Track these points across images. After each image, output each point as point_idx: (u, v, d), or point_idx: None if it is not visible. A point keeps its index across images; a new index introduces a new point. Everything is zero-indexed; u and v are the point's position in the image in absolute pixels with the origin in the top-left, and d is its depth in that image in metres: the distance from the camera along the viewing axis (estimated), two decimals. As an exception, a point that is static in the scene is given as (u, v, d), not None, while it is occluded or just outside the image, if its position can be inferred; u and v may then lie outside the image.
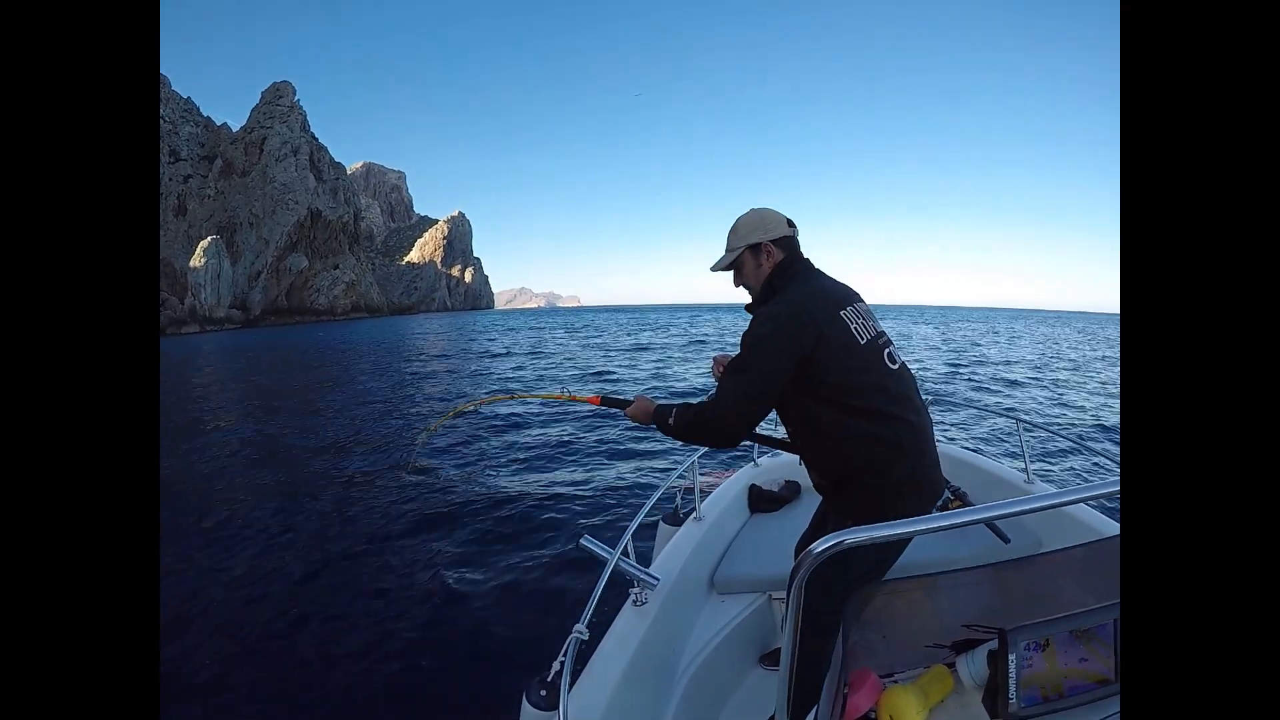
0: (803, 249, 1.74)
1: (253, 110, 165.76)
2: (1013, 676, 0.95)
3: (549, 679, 1.41)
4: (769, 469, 3.42)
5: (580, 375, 18.01)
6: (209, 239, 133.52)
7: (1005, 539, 2.19)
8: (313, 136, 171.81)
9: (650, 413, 1.77)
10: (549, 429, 9.37)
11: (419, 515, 5.87)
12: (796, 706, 0.94)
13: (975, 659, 1.08)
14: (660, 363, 20.88)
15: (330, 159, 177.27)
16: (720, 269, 1.77)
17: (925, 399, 1.72)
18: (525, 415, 10.06)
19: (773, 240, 1.66)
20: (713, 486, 3.11)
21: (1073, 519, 2.29)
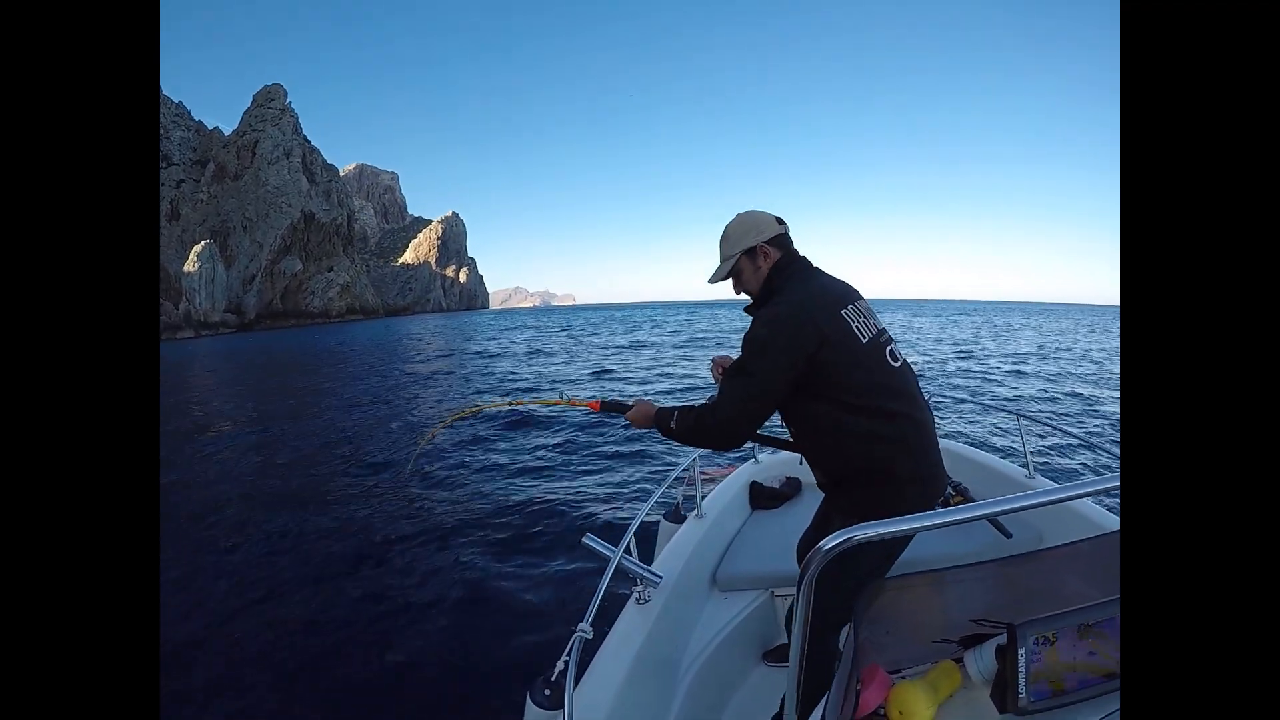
0: (797, 246, 1.73)
1: (244, 114, 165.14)
2: (1022, 671, 0.96)
3: (553, 678, 1.41)
4: (770, 466, 3.44)
5: (579, 375, 17.96)
6: (202, 243, 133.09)
7: (1007, 534, 2.21)
8: (305, 139, 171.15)
9: (651, 416, 1.77)
10: (547, 432, 9.35)
11: (418, 519, 5.84)
12: (805, 702, 0.94)
13: (983, 654, 1.08)
14: (658, 361, 20.70)
15: (323, 161, 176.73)
16: (719, 279, 1.75)
17: (928, 398, 1.71)
18: (523, 419, 10.06)
19: (766, 241, 1.65)
20: (714, 484, 3.12)
21: (1075, 514, 2.30)
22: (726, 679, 2.11)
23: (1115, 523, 2.21)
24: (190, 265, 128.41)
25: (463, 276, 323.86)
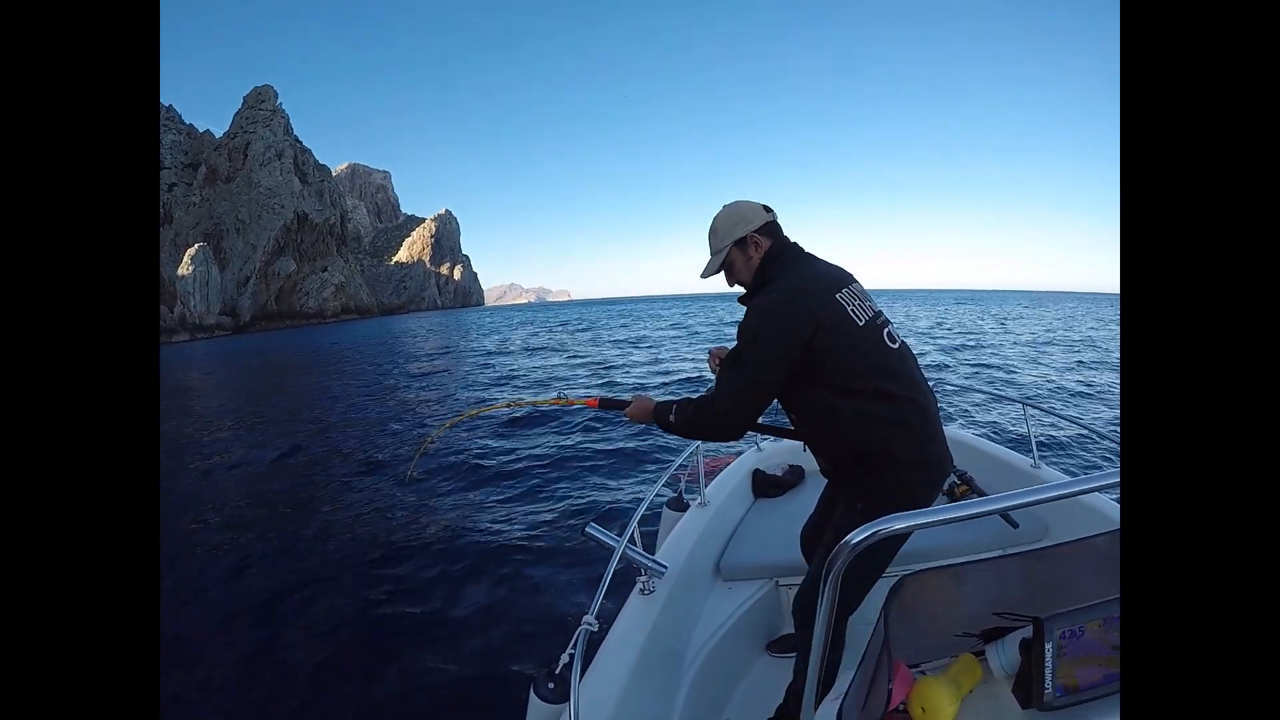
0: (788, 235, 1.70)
1: (235, 115, 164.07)
2: (1048, 666, 0.94)
3: (557, 671, 1.39)
4: (772, 453, 3.43)
5: (577, 370, 17.93)
6: (196, 246, 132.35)
7: (1014, 524, 2.22)
8: (296, 140, 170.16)
9: (650, 411, 1.76)
10: (547, 430, 9.37)
11: (419, 517, 5.85)
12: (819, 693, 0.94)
13: (1006, 648, 1.07)
14: (656, 356, 20.61)
15: (314, 161, 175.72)
16: (711, 273, 1.73)
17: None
18: (522, 419, 10.08)
19: (756, 230, 1.63)
20: (716, 472, 3.11)
21: (1084, 506, 2.28)
22: (731, 670, 2.09)
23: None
24: (184, 269, 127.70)
25: (457, 274, 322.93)
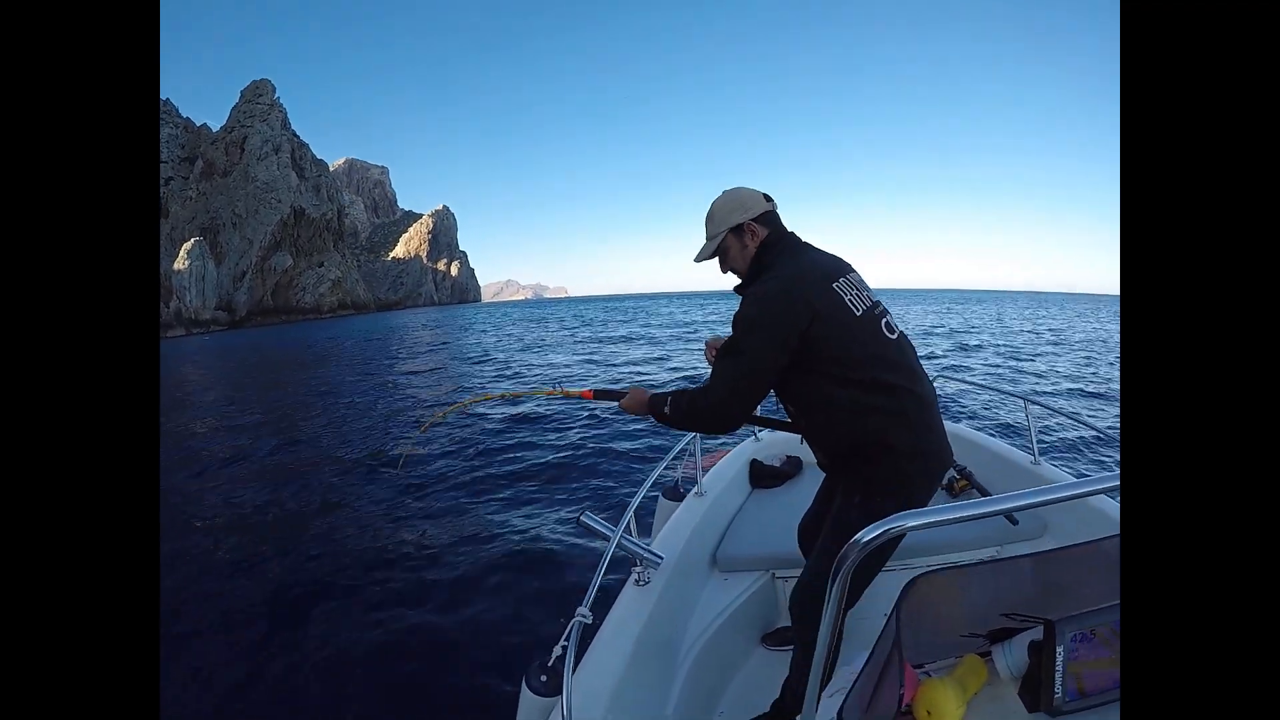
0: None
1: (232, 109, 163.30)
2: (1059, 669, 0.92)
3: (550, 664, 1.37)
4: (770, 444, 3.42)
5: (574, 365, 17.84)
6: (192, 241, 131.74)
7: (1014, 521, 2.23)
8: (294, 134, 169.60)
9: (645, 403, 1.74)
10: (541, 421, 9.31)
11: (412, 508, 5.82)
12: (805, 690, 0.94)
13: (1013, 649, 1.04)
14: (654, 352, 20.47)
15: (312, 156, 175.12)
16: (705, 258, 1.70)
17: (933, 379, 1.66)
18: (516, 411, 10.01)
19: (754, 218, 1.60)
20: (714, 461, 3.09)
21: (1082, 504, 2.25)
22: (726, 662, 2.08)
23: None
24: (180, 263, 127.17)
25: (454, 270, 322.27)
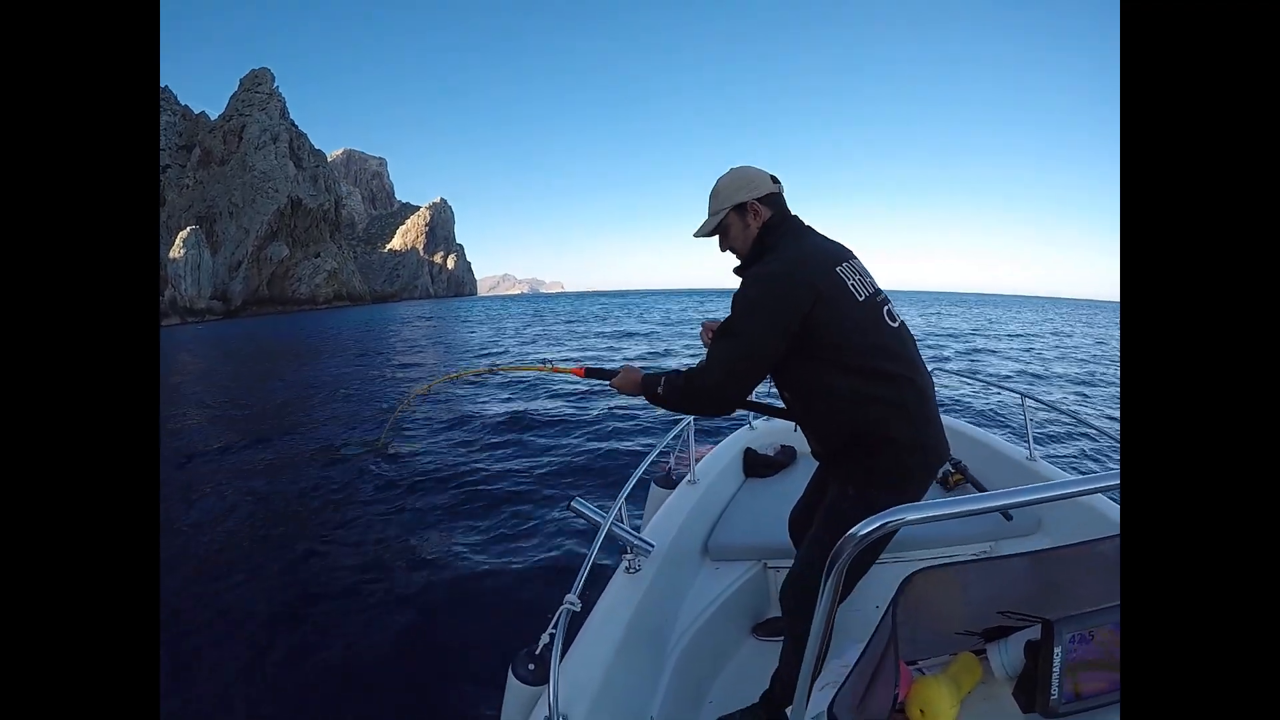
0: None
1: (231, 98, 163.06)
2: (1056, 670, 0.90)
3: (537, 652, 1.35)
4: (765, 433, 3.40)
5: (572, 360, 17.85)
6: (188, 229, 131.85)
7: (1008, 517, 2.22)
8: (292, 124, 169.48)
9: (638, 383, 1.69)
10: (532, 399, 9.14)
11: (397, 490, 5.75)
12: (796, 684, 0.92)
13: (1009, 648, 1.03)
14: (652, 349, 20.27)
15: (310, 146, 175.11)
16: (705, 234, 1.65)
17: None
18: (507, 387, 9.81)
19: (758, 198, 1.56)
20: (707, 449, 3.07)
21: (1077, 502, 2.21)
22: (717, 652, 2.05)
23: (1118, 511, 2.18)
24: (176, 252, 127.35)
25: (450, 263, 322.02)
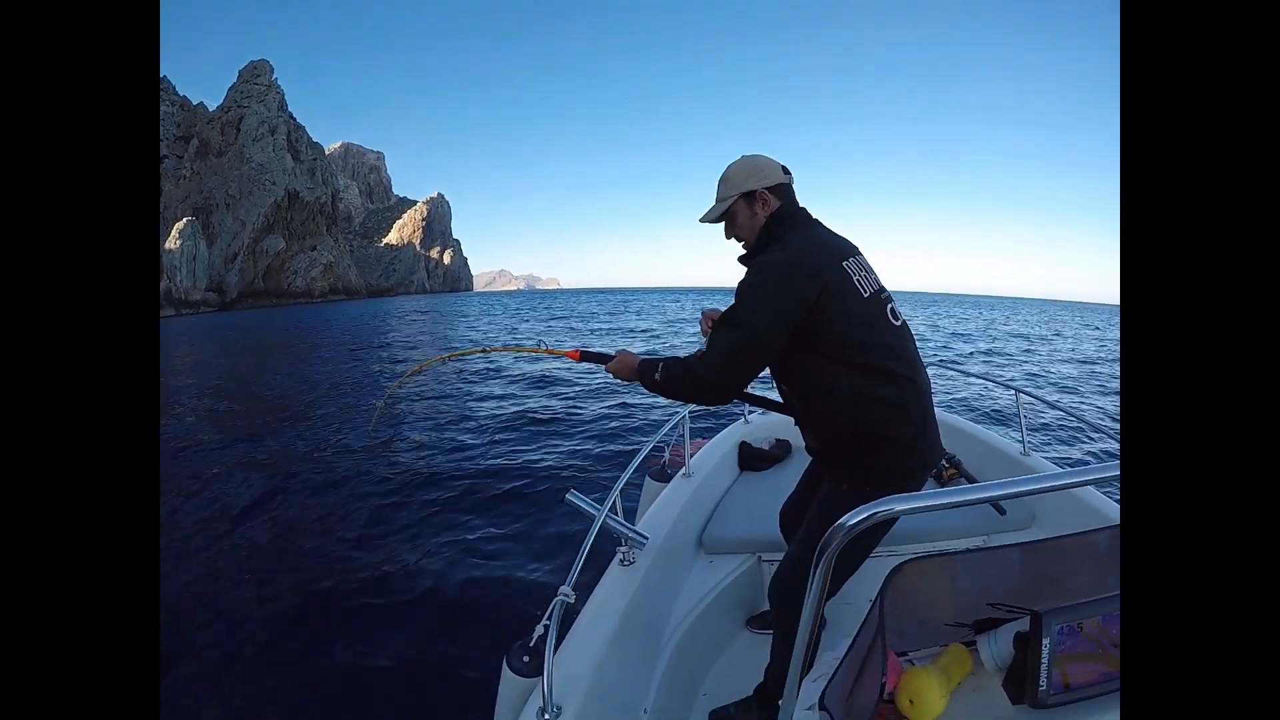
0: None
1: (230, 89, 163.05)
2: (1045, 661, 0.91)
3: (531, 644, 1.35)
4: (760, 426, 3.39)
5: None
6: (185, 220, 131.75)
7: (1002, 511, 2.20)
8: (290, 116, 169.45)
9: (634, 368, 1.65)
10: (525, 386, 9.03)
11: (387, 480, 5.67)
12: (787, 676, 0.91)
13: (999, 640, 1.03)
14: (651, 347, 20.36)
15: (308, 139, 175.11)
16: (711, 220, 1.63)
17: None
18: (498, 372, 9.60)
19: (768, 188, 1.54)
20: (702, 442, 3.07)
21: (1070, 495, 2.24)
22: (711, 645, 2.06)
23: (1111, 506, 2.19)
24: (172, 243, 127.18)
25: (447, 258, 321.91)
